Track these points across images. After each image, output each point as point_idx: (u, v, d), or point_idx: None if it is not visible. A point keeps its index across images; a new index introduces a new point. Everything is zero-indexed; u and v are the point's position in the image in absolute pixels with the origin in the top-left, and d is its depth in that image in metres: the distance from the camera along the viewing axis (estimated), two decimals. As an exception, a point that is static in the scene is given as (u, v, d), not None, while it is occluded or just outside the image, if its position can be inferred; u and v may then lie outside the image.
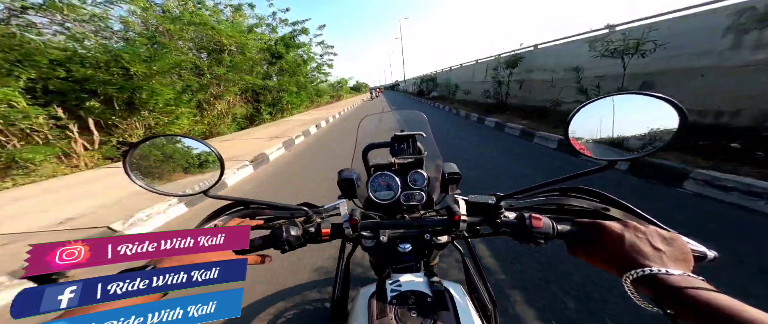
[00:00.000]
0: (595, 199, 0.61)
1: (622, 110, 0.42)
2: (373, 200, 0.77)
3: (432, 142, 0.93)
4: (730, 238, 1.91)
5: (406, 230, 0.65)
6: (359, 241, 0.68)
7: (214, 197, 0.50)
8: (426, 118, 1.07)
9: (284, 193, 3.66)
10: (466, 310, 0.59)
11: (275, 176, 4.42)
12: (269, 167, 4.94)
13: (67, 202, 3.35)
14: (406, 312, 0.57)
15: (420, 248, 0.68)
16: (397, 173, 0.78)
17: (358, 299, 0.66)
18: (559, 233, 0.52)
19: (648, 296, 0.36)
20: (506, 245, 1.94)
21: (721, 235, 1.96)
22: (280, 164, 5.11)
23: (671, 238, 0.41)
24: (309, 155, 5.66)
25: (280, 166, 4.96)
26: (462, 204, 0.62)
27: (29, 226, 2.73)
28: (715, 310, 0.28)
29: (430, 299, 0.60)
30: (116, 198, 3.31)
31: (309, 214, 0.63)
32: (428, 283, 0.66)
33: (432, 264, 0.78)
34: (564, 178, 0.52)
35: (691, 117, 3.55)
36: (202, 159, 0.52)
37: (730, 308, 0.28)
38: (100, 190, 3.81)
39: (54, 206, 3.28)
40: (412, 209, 0.77)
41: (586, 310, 1.42)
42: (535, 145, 4.86)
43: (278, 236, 0.55)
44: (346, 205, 0.66)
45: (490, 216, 0.59)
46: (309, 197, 1.38)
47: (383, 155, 0.92)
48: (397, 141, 0.81)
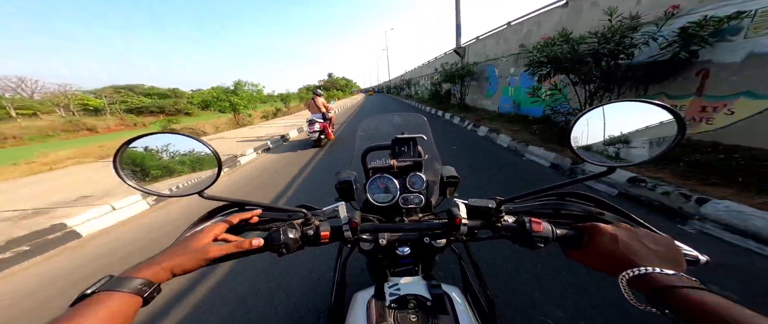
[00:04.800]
0: (590, 204, 0.62)
1: (622, 118, 0.43)
2: (371, 203, 0.77)
3: (432, 146, 0.93)
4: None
5: (405, 233, 0.65)
6: (357, 244, 0.67)
7: (209, 198, 0.48)
8: (426, 121, 1.07)
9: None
10: (465, 314, 0.58)
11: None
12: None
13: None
14: (406, 315, 0.56)
15: (418, 252, 0.68)
16: (395, 176, 0.77)
17: (355, 303, 0.66)
18: (558, 237, 0.52)
19: (642, 296, 0.37)
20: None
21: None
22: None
23: (664, 241, 0.42)
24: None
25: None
26: (462, 207, 0.62)
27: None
28: (709, 309, 0.29)
29: (429, 303, 0.60)
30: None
31: (307, 217, 0.62)
32: (427, 286, 0.65)
33: (430, 267, 0.78)
34: (563, 183, 0.52)
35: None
36: (198, 158, 0.50)
37: (723, 308, 0.29)
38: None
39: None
40: (410, 212, 0.77)
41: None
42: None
43: (275, 239, 0.53)
44: (344, 208, 0.65)
45: (490, 220, 0.59)
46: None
47: (382, 158, 0.91)
48: (398, 143, 0.81)
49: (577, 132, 0.44)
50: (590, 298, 1.47)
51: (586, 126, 0.44)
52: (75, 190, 3.92)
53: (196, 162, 0.50)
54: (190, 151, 0.49)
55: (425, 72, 19.87)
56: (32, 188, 4.34)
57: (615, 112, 0.43)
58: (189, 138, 0.47)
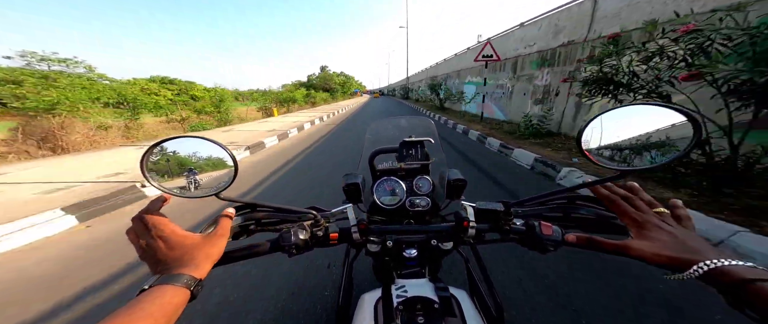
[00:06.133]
0: (601, 208, 0.61)
1: (635, 121, 0.42)
2: (377, 205, 0.77)
3: (439, 149, 0.93)
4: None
5: (412, 236, 0.65)
6: (365, 246, 0.68)
7: (224, 199, 0.51)
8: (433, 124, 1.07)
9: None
10: (473, 316, 0.58)
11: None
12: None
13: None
14: (414, 318, 0.56)
15: (425, 254, 0.68)
16: (402, 178, 0.78)
17: (362, 304, 0.66)
18: (568, 241, 0.51)
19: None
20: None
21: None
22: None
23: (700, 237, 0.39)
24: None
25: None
26: (470, 210, 0.62)
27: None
28: None
29: (437, 305, 0.60)
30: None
31: (316, 218, 0.63)
32: (434, 288, 0.65)
33: (436, 270, 0.78)
34: (573, 187, 0.52)
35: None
36: (217, 161, 0.52)
37: None
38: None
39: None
40: (417, 215, 0.77)
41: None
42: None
43: (286, 240, 0.54)
44: (353, 210, 0.66)
45: (498, 223, 0.59)
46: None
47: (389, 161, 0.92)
48: (405, 146, 0.81)
49: (587, 135, 0.44)
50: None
51: (597, 129, 0.43)
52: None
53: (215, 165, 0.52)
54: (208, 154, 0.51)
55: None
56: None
57: (627, 116, 0.42)
58: (209, 142, 0.50)
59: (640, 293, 1.57)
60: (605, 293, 1.58)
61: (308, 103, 29.20)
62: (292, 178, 4.25)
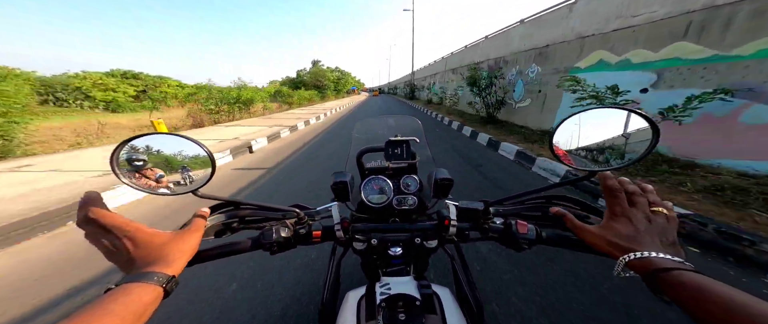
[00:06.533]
0: (576, 207, 0.64)
1: (601, 123, 0.45)
2: (365, 204, 0.78)
3: (425, 148, 0.95)
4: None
5: (396, 234, 0.66)
6: (350, 244, 0.69)
7: (203, 197, 0.49)
8: (421, 124, 1.08)
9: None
10: (453, 313, 0.60)
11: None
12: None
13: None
14: (395, 315, 0.57)
15: (410, 252, 0.69)
16: (390, 177, 0.79)
17: (347, 301, 0.67)
18: (542, 239, 0.54)
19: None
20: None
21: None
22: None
23: (667, 232, 0.41)
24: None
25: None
26: (452, 209, 0.63)
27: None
28: (704, 289, 0.29)
29: (418, 302, 0.61)
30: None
31: (300, 216, 0.63)
32: (418, 286, 0.67)
33: (423, 268, 0.79)
34: (549, 186, 0.54)
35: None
36: (192, 158, 0.51)
37: (718, 289, 0.28)
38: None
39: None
40: (404, 214, 0.78)
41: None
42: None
43: (267, 237, 0.54)
44: (337, 208, 0.67)
45: (479, 221, 0.61)
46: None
47: (378, 159, 0.93)
48: (391, 146, 0.82)
49: (559, 137, 0.46)
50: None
51: (568, 131, 0.46)
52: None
53: (191, 162, 0.51)
54: (184, 152, 0.50)
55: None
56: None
57: (594, 118, 0.44)
58: (184, 139, 0.48)
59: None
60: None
61: (279, 106, 21.02)
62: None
